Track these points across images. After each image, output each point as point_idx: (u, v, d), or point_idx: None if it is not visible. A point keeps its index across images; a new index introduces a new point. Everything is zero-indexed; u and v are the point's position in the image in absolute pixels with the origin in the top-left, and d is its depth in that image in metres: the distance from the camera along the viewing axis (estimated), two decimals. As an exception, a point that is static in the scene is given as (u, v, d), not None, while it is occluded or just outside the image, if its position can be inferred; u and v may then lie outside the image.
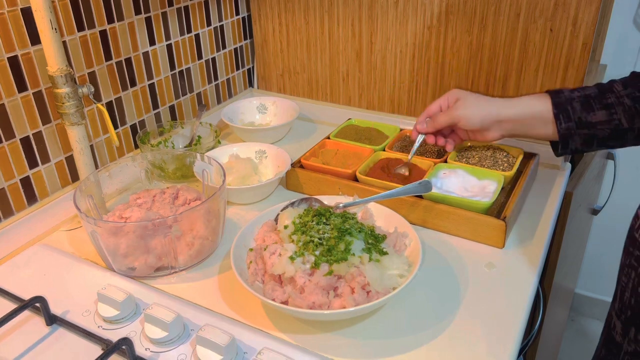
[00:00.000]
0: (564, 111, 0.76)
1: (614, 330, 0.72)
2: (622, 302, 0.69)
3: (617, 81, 0.76)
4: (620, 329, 0.70)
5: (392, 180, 0.92)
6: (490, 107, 0.82)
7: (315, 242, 0.71)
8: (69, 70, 0.82)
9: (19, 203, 0.88)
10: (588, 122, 0.75)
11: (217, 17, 1.23)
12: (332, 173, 0.96)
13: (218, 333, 0.62)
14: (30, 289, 0.75)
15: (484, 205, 0.84)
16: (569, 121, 0.76)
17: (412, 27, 1.12)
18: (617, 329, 0.71)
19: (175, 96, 1.17)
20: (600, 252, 1.83)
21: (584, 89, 0.77)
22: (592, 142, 0.76)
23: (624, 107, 0.73)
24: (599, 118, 0.74)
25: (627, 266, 0.67)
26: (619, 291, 0.71)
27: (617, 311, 0.71)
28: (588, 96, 0.75)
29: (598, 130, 0.74)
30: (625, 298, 0.68)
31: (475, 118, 0.82)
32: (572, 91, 0.77)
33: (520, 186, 0.90)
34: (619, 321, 0.70)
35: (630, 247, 0.68)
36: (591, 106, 0.75)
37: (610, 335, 0.73)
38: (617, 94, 0.74)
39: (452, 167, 0.95)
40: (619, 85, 0.75)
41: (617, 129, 0.74)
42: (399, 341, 0.68)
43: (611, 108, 0.73)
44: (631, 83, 0.74)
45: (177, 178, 1.01)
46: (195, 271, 0.81)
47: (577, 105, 0.75)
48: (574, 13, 0.96)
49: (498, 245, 0.84)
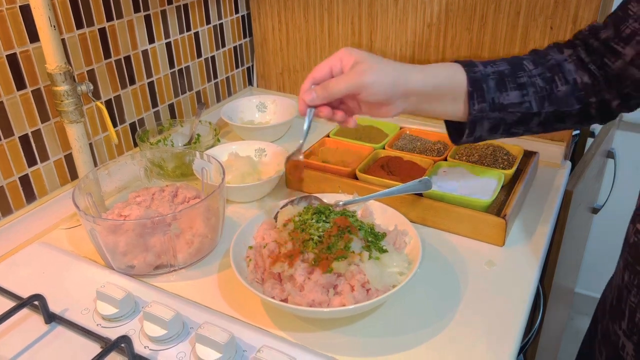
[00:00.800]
0: (479, 89, 0.67)
1: (623, 350, 0.68)
2: (634, 322, 0.65)
3: (524, 59, 0.70)
4: (632, 349, 0.66)
5: (391, 178, 0.92)
6: (398, 74, 0.66)
7: (314, 240, 0.71)
8: (68, 68, 0.82)
9: (17, 201, 0.88)
10: (500, 104, 0.68)
11: (216, 16, 1.23)
12: (332, 171, 0.96)
13: (217, 331, 0.62)
14: (29, 287, 0.74)
15: (484, 203, 0.84)
16: (482, 101, 0.67)
17: (411, 25, 1.12)
18: (627, 349, 0.67)
19: (174, 94, 1.17)
20: (600, 252, 1.83)
21: (496, 64, 0.69)
22: (498, 127, 0.70)
23: (535, 88, 0.68)
24: (511, 99, 0.67)
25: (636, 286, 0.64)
26: (627, 311, 0.66)
27: (626, 331, 0.67)
28: (502, 73, 0.68)
29: (508, 113, 0.68)
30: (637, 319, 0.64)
31: (381, 87, 0.65)
32: (485, 65, 0.69)
33: (520, 184, 0.90)
34: (630, 342, 0.66)
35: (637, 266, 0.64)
36: (505, 85, 0.68)
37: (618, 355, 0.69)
38: (529, 73, 0.68)
39: (452, 165, 0.95)
40: (529, 64, 0.69)
41: (526, 113, 0.68)
42: (398, 339, 0.67)
43: (523, 88, 0.68)
44: (539, 62, 0.69)
45: (177, 176, 1.01)
46: (194, 269, 0.81)
47: (491, 82, 0.68)
48: (574, 11, 0.95)
49: (498, 244, 0.83)
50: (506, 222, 0.82)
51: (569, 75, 0.68)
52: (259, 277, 0.73)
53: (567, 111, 0.69)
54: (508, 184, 0.93)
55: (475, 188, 0.89)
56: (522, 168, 0.96)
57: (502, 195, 0.91)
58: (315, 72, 0.70)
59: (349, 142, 1.05)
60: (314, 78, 0.70)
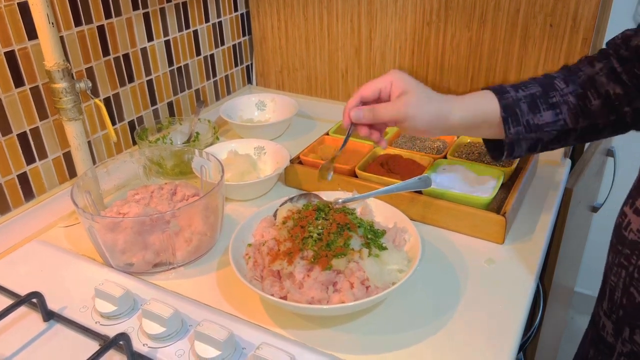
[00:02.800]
0: (513, 114, 0.70)
1: (604, 330, 0.70)
2: (613, 301, 0.67)
3: (556, 77, 0.72)
4: (612, 329, 0.68)
5: (391, 176, 0.92)
6: (441, 109, 0.71)
7: (314, 237, 0.71)
8: (66, 65, 0.81)
9: (16, 199, 0.88)
10: (535, 125, 0.70)
11: (215, 14, 1.23)
12: None
13: (216, 328, 0.61)
14: (27, 285, 0.74)
15: (484, 200, 0.84)
16: (518, 125, 0.70)
17: (411, 23, 1.12)
18: (607, 329, 0.69)
19: (173, 93, 1.16)
20: (600, 251, 1.82)
21: (527, 86, 0.72)
22: (536, 146, 0.72)
23: (568, 106, 0.69)
24: (545, 119, 0.70)
25: (617, 265, 0.65)
26: (607, 291, 0.68)
27: (606, 311, 0.69)
28: (533, 95, 0.70)
29: (545, 132, 0.70)
30: (616, 297, 0.66)
31: (422, 122, 0.70)
32: (516, 90, 0.71)
33: (520, 182, 0.90)
34: (610, 321, 0.68)
35: (618, 246, 0.66)
36: (537, 106, 0.70)
37: (599, 335, 0.71)
38: (560, 92, 0.70)
39: (452, 162, 0.95)
40: (560, 82, 0.71)
41: (562, 130, 0.70)
42: (398, 336, 0.67)
43: (556, 108, 0.70)
44: (570, 79, 0.71)
45: (175, 174, 1.01)
46: (193, 267, 0.81)
47: (524, 106, 0.70)
48: (574, 8, 0.95)
49: (498, 241, 0.83)
50: (506, 220, 0.81)
51: (601, 88, 0.69)
52: (258, 275, 0.73)
53: (602, 123, 0.70)
54: (508, 182, 0.93)
55: (475, 186, 0.89)
56: (522, 166, 0.96)
57: (502, 193, 0.91)
58: (364, 89, 0.73)
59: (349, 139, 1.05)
60: (362, 96, 0.74)
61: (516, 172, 0.94)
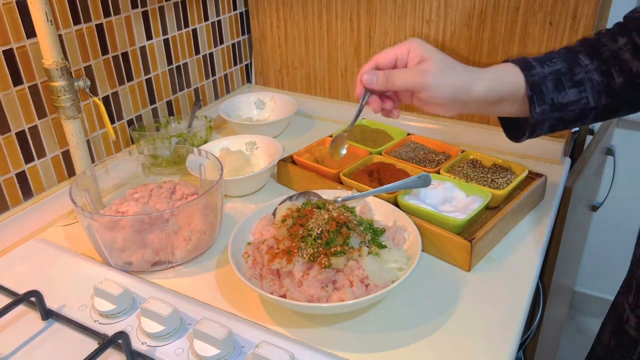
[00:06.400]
0: (539, 92, 0.66)
1: (627, 323, 0.68)
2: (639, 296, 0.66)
3: (579, 51, 0.68)
4: (635, 323, 0.67)
5: (374, 185, 0.88)
6: (462, 83, 0.65)
7: (313, 235, 0.71)
8: (65, 63, 0.81)
9: (14, 198, 0.87)
10: (559, 104, 0.66)
11: (214, 12, 1.23)
12: (317, 172, 0.95)
13: (215, 327, 0.61)
14: (26, 283, 0.74)
15: (457, 222, 0.78)
16: (543, 104, 0.66)
17: (410, 22, 1.12)
18: (630, 322, 0.67)
19: (172, 91, 1.16)
20: (599, 251, 1.83)
21: (552, 62, 0.67)
22: (557, 126, 0.69)
23: (592, 83, 0.66)
24: (569, 97, 0.66)
25: None
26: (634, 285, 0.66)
27: (631, 305, 0.67)
28: (559, 72, 0.66)
29: (568, 112, 0.67)
30: None
31: (442, 92, 0.64)
32: (542, 65, 0.67)
33: (509, 207, 0.83)
34: (634, 315, 0.67)
35: None
36: (562, 84, 0.66)
37: (622, 328, 0.70)
38: (585, 68, 0.66)
39: (442, 179, 0.90)
40: (584, 58, 0.67)
41: (584, 109, 0.67)
42: (397, 335, 0.67)
43: (580, 85, 0.66)
44: (594, 54, 0.67)
45: (170, 165, 1.00)
46: (192, 266, 0.80)
47: (550, 84, 0.66)
48: (574, 6, 0.95)
49: (464, 268, 0.77)
50: (472, 246, 0.74)
51: (625, 66, 0.66)
52: (258, 273, 0.73)
53: (623, 100, 0.67)
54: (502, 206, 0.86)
55: (459, 206, 0.83)
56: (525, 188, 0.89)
57: (489, 217, 0.83)
58: (379, 56, 0.68)
59: (349, 143, 1.03)
60: (377, 62, 0.68)
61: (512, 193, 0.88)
